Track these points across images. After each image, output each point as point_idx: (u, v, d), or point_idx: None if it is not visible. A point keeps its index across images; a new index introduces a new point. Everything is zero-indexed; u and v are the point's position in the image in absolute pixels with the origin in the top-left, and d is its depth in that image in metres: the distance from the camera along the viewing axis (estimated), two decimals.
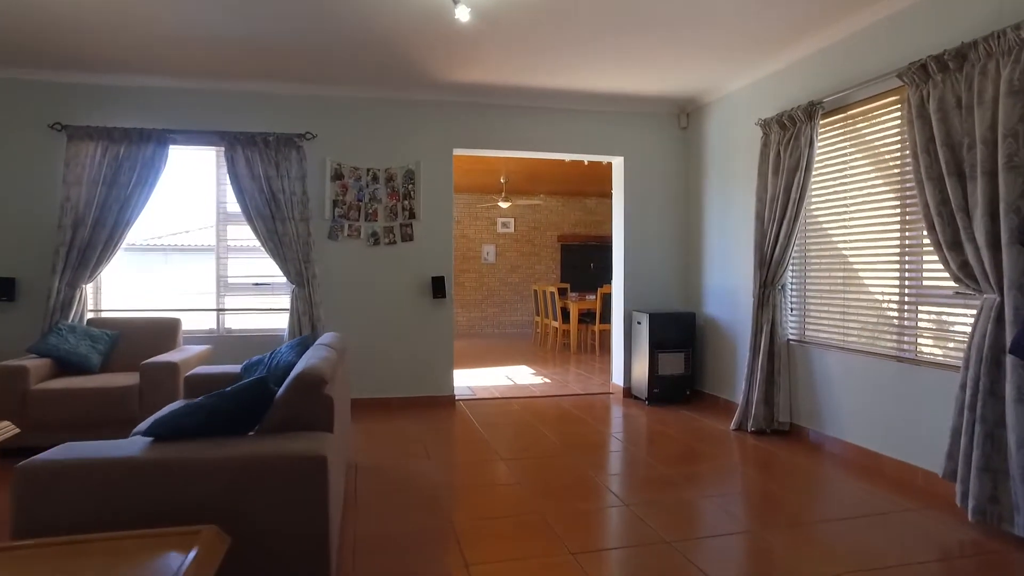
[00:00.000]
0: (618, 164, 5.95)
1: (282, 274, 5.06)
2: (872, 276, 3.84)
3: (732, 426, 4.62)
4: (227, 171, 4.97)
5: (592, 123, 5.75)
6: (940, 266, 3.32)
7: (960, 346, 3.26)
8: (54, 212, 4.74)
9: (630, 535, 2.80)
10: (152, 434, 2.09)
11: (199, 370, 3.67)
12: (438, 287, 5.38)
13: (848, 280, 4.03)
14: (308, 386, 2.27)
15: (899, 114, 3.59)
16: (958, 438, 2.92)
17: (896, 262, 3.65)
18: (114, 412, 3.96)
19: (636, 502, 3.18)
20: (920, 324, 3.53)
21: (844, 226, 4.05)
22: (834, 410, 4.07)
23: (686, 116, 5.88)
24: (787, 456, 3.97)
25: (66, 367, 4.28)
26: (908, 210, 3.56)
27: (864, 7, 3.62)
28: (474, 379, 6.83)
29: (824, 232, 4.23)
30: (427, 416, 5.07)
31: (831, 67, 4.07)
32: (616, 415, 5.16)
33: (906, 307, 3.59)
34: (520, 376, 7.06)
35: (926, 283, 3.48)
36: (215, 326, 5.27)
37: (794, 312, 4.49)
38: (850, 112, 3.95)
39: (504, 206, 10.29)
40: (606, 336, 9.46)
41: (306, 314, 5.04)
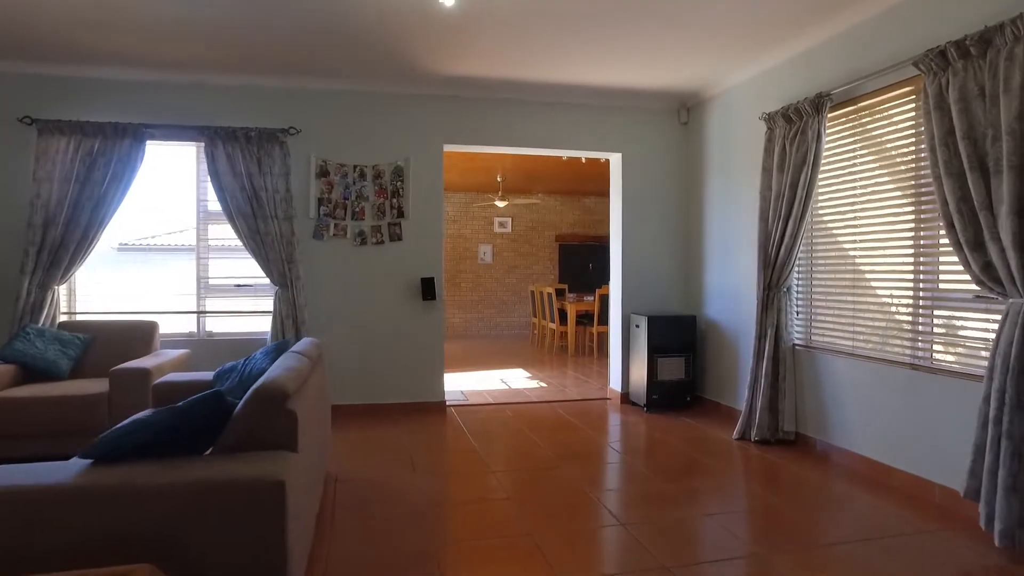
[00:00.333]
0: (616, 161, 5.72)
1: (264, 275, 4.85)
2: (884, 278, 3.61)
3: (735, 435, 4.40)
4: (207, 168, 4.75)
5: (588, 118, 5.52)
6: (958, 268, 3.10)
7: (979, 353, 3.04)
8: (23, 210, 4.52)
9: (626, 559, 2.59)
10: (91, 456, 1.88)
11: (168, 378, 3.45)
12: (428, 288, 5.16)
13: (857, 282, 3.81)
14: (268, 401, 2.05)
15: (914, 106, 3.37)
16: (982, 455, 2.69)
17: (910, 263, 3.43)
18: (82, 422, 3.75)
19: (633, 521, 2.96)
20: (936, 329, 3.31)
21: (853, 225, 3.83)
22: (842, 419, 3.86)
23: (686, 111, 5.66)
24: (793, 468, 3.75)
25: (33, 374, 4.07)
26: (923, 208, 3.34)
27: None
28: (468, 383, 6.61)
29: (832, 231, 4.01)
30: (416, 423, 4.85)
31: (840, 57, 3.85)
32: (613, 423, 4.94)
33: (921, 311, 3.37)
34: (515, 380, 6.84)
35: (943, 286, 3.26)
36: (195, 329, 5.05)
37: (800, 315, 4.27)
38: (860, 105, 3.73)
39: (501, 205, 10.06)
40: (604, 338, 9.24)
41: (289, 317, 4.82)
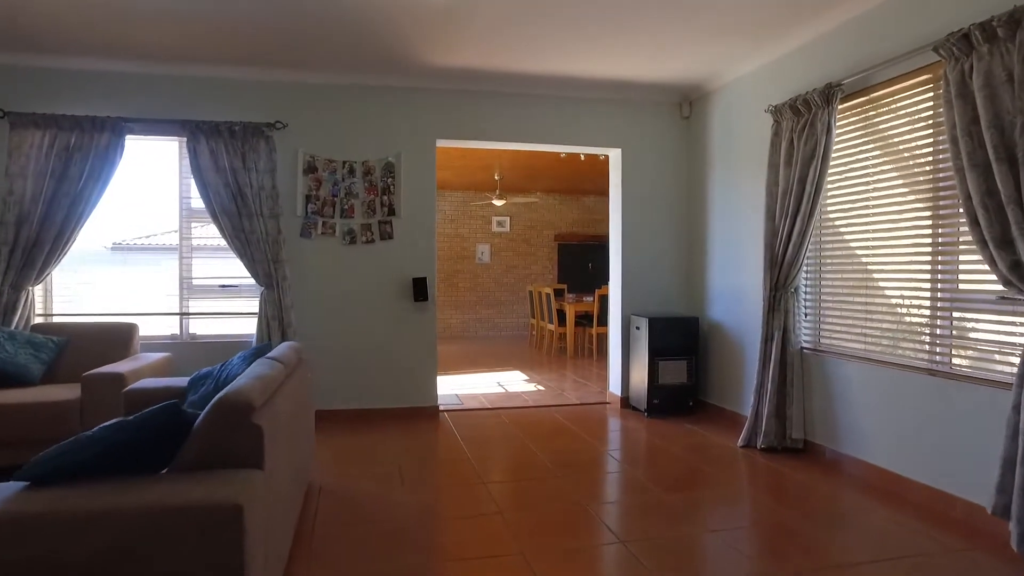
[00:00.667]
0: (615, 157, 5.52)
1: (250, 275, 4.65)
2: (898, 278, 3.42)
3: (740, 442, 4.20)
4: (189, 163, 4.56)
5: (587, 113, 5.32)
6: (980, 267, 2.90)
7: (1007, 358, 2.84)
8: None
9: None
10: (28, 477, 1.68)
11: (141, 384, 3.26)
12: (420, 289, 4.96)
13: (869, 282, 3.61)
14: (231, 414, 1.86)
15: (932, 95, 3.17)
16: (1011, 469, 2.49)
17: (927, 262, 3.23)
18: (53, 430, 3.53)
19: (633, 538, 2.76)
20: (955, 332, 3.12)
21: (865, 222, 3.63)
22: (853, 427, 3.66)
23: (688, 105, 5.46)
24: (802, 478, 3.55)
25: (3, 379, 3.86)
26: (942, 203, 3.14)
27: None
28: (463, 386, 6.41)
29: (842, 229, 3.81)
30: (406, 430, 4.65)
31: (851, 44, 3.65)
32: (613, 429, 4.75)
33: (939, 313, 3.17)
34: (512, 383, 6.64)
35: (963, 286, 3.06)
36: (178, 331, 4.86)
37: (808, 318, 4.08)
38: (873, 95, 3.53)
39: (499, 204, 9.86)
40: (604, 340, 9.04)
41: (275, 319, 4.63)
